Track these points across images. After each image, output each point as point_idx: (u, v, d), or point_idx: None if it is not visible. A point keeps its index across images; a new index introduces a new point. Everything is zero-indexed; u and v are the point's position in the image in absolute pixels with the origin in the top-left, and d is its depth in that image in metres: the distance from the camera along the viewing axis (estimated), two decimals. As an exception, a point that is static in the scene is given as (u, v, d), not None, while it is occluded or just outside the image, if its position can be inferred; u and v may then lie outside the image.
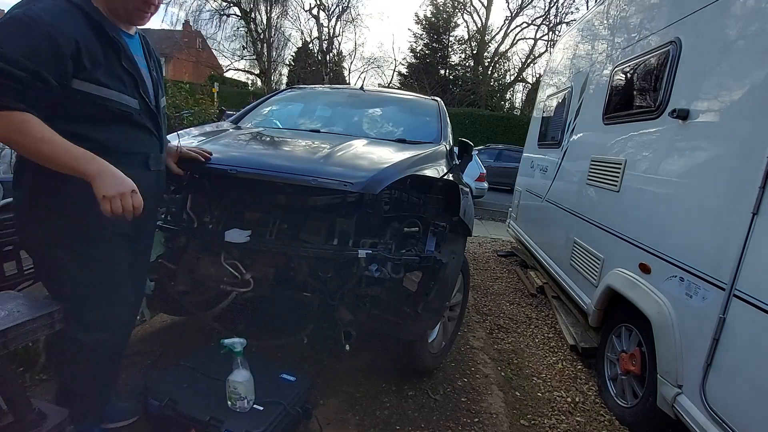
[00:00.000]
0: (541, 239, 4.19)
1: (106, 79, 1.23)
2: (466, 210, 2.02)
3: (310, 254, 1.65)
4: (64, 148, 1.13)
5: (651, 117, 2.32)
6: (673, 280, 1.92)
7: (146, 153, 1.39)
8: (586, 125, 3.40)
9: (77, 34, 1.15)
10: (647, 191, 2.27)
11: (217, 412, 1.50)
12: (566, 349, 2.94)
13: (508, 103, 26.69)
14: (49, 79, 1.11)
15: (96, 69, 1.20)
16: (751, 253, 1.52)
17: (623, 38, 2.95)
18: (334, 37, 27.83)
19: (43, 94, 1.11)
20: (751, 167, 1.56)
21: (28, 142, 1.10)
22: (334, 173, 1.61)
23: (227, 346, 1.56)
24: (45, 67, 1.10)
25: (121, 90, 1.27)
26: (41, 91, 1.10)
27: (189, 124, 6.09)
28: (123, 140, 1.31)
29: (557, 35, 22.65)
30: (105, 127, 1.26)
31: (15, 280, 1.77)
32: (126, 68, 1.30)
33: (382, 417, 1.99)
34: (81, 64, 1.17)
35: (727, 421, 1.52)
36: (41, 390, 1.88)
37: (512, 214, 5.57)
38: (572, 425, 2.14)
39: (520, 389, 2.42)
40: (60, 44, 1.12)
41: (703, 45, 2.03)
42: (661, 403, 1.87)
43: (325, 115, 3.05)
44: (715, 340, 1.62)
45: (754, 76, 1.65)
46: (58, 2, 1.16)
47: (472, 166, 8.79)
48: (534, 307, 3.75)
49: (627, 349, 2.27)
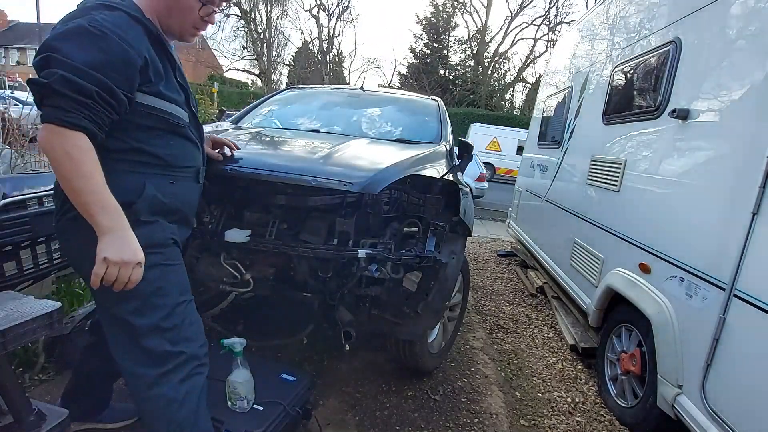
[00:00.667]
0: (541, 239, 4.19)
1: (166, 93, 1.19)
2: (466, 210, 2.02)
3: (309, 254, 1.65)
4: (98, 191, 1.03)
5: (651, 117, 2.31)
6: (673, 280, 1.92)
7: (197, 166, 1.35)
8: (586, 125, 3.40)
9: (143, 46, 1.11)
10: (647, 191, 2.27)
11: (217, 412, 1.50)
12: (566, 349, 2.94)
13: (508, 103, 26.69)
14: (119, 94, 1.05)
15: (158, 82, 1.17)
16: (751, 253, 1.52)
17: (623, 38, 2.95)
18: (334, 37, 27.87)
19: (110, 111, 1.05)
20: (751, 167, 1.56)
21: (68, 170, 1.00)
22: (333, 173, 1.61)
23: (227, 346, 1.56)
24: (117, 82, 1.04)
25: (178, 103, 1.24)
26: (110, 108, 1.04)
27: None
28: (180, 153, 1.26)
29: (557, 35, 22.67)
30: (164, 140, 1.21)
31: (15, 280, 1.77)
32: (179, 82, 1.27)
33: (382, 417, 1.99)
34: (147, 76, 1.12)
35: (727, 421, 1.52)
36: (41, 390, 1.88)
37: (512, 214, 5.57)
38: (572, 425, 2.14)
39: (520, 389, 2.42)
40: (131, 57, 1.07)
41: (703, 45, 2.03)
42: (661, 403, 1.87)
43: (325, 115, 3.05)
44: (715, 340, 1.62)
45: (754, 76, 1.65)
46: (119, 14, 1.09)
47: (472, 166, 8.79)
48: (534, 307, 3.75)
49: (627, 349, 2.26)
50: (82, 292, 2.46)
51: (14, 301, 1.28)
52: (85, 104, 0.99)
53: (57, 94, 0.97)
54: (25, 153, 3.22)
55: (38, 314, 1.23)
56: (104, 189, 1.03)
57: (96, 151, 1.03)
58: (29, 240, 1.78)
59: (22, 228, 1.73)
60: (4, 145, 2.95)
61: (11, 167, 2.83)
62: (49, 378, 1.97)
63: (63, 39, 1.01)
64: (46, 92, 0.97)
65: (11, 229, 1.68)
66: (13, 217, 1.69)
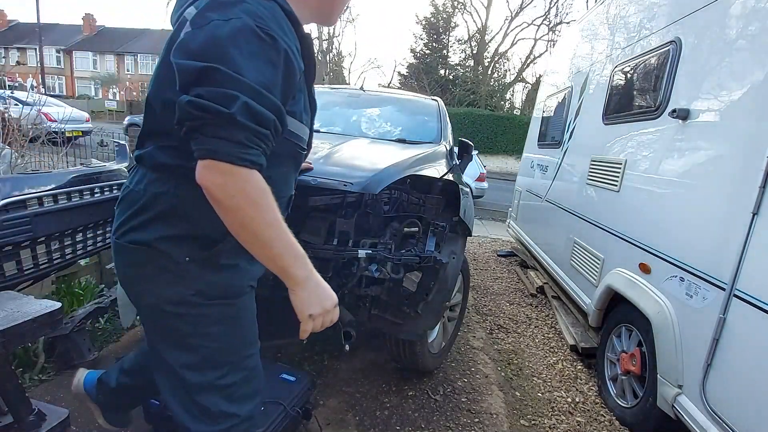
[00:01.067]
0: (541, 239, 4.19)
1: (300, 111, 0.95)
2: (466, 210, 2.02)
3: (309, 254, 1.65)
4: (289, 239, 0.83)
5: (651, 117, 2.31)
6: (673, 280, 1.92)
7: (291, 194, 1.09)
8: (586, 125, 3.40)
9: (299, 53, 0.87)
10: (647, 191, 2.27)
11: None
12: (566, 349, 2.94)
13: (508, 103, 26.70)
14: (286, 119, 0.84)
15: (301, 98, 0.93)
16: (751, 253, 1.52)
17: (623, 38, 2.95)
18: (333, 37, 27.88)
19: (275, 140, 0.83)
20: (751, 167, 1.56)
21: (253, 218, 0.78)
22: (333, 173, 1.61)
23: None
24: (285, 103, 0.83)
25: (306, 124, 1.00)
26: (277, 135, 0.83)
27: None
28: (281, 182, 0.99)
29: (557, 35, 22.69)
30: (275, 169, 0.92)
31: (15, 280, 1.77)
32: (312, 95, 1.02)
33: (382, 417, 1.99)
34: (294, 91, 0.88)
35: (727, 421, 1.52)
36: (41, 390, 1.88)
37: (512, 214, 5.57)
38: (572, 425, 2.14)
39: (520, 389, 2.42)
40: (295, 70, 0.84)
41: (703, 45, 2.03)
42: (661, 403, 1.87)
43: (325, 115, 3.05)
44: (715, 340, 1.61)
45: (754, 76, 1.65)
46: (273, 5, 0.83)
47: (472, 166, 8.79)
48: (534, 307, 3.75)
49: (627, 349, 2.26)
50: (82, 292, 2.46)
51: (14, 301, 1.28)
52: (264, 136, 0.78)
53: (238, 126, 0.74)
54: (25, 153, 3.22)
55: (38, 314, 1.23)
56: (291, 234, 0.84)
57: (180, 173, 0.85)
58: (29, 240, 1.78)
59: (22, 228, 1.73)
60: (4, 145, 2.95)
61: (11, 167, 2.83)
62: (49, 378, 1.97)
63: (231, 44, 0.75)
64: (220, 122, 0.73)
65: (11, 229, 1.68)
66: (13, 217, 1.69)
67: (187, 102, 0.73)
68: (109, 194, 2.20)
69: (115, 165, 2.49)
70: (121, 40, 33.32)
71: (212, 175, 0.75)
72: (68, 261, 2.06)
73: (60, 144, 3.91)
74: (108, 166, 2.51)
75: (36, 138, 3.43)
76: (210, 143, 0.74)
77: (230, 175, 0.75)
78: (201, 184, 0.76)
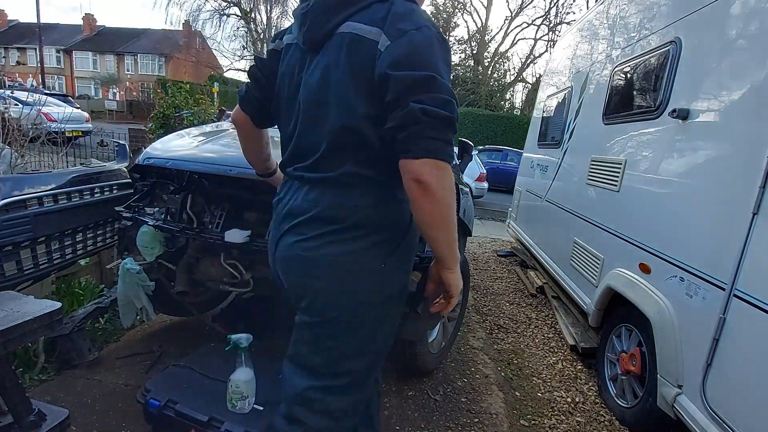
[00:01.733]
0: (541, 239, 4.19)
1: None
2: (466, 210, 2.03)
3: None
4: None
5: (651, 117, 2.31)
6: (673, 280, 1.92)
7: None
8: (586, 125, 3.40)
9: None
10: (647, 191, 2.27)
11: (217, 412, 1.50)
12: (566, 349, 2.94)
13: (508, 103, 26.74)
14: None
15: None
16: (751, 253, 1.52)
17: (623, 38, 2.95)
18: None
19: None
20: (751, 167, 1.56)
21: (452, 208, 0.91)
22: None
23: (234, 341, 1.55)
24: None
25: None
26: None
27: (189, 124, 6.08)
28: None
29: (557, 35, 22.67)
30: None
31: (15, 280, 1.77)
32: None
33: (382, 417, 1.99)
34: None
35: (727, 421, 1.52)
36: (41, 390, 1.88)
37: (512, 214, 5.57)
38: (572, 425, 2.14)
39: (520, 389, 2.42)
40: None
41: (703, 45, 2.03)
42: (661, 403, 1.87)
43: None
44: (715, 340, 1.61)
45: (754, 76, 1.65)
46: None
47: (472, 166, 8.79)
48: (534, 307, 3.75)
49: (627, 349, 2.26)
50: (82, 292, 2.46)
51: (14, 301, 1.28)
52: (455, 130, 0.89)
53: (453, 128, 0.87)
54: (25, 153, 3.22)
55: (38, 314, 1.23)
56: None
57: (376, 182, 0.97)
58: (29, 240, 1.78)
59: (22, 228, 1.73)
60: (4, 145, 2.94)
61: (11, 167, 2.82)
62: (49, 378, 1.97)
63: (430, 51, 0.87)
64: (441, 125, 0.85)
65: (11, 229, 1.68)
66: (13, 217, 1.69)
67: (419, 109, 0.83)
68: (109, 194, 2.20)
69: (115, 165, 2.49)
70: (121, 40, 33.29)
71: (432, 170, 0.85)
72: (68, 261, 2.06)
73: (60, 144, 3.91)
74: (108, 166, 2.51)
75: (36, 138, 3.43)
76: (430, 144, 0.84)
77: (444, 170, 0.86)
78: (420, 179, 0.85)
